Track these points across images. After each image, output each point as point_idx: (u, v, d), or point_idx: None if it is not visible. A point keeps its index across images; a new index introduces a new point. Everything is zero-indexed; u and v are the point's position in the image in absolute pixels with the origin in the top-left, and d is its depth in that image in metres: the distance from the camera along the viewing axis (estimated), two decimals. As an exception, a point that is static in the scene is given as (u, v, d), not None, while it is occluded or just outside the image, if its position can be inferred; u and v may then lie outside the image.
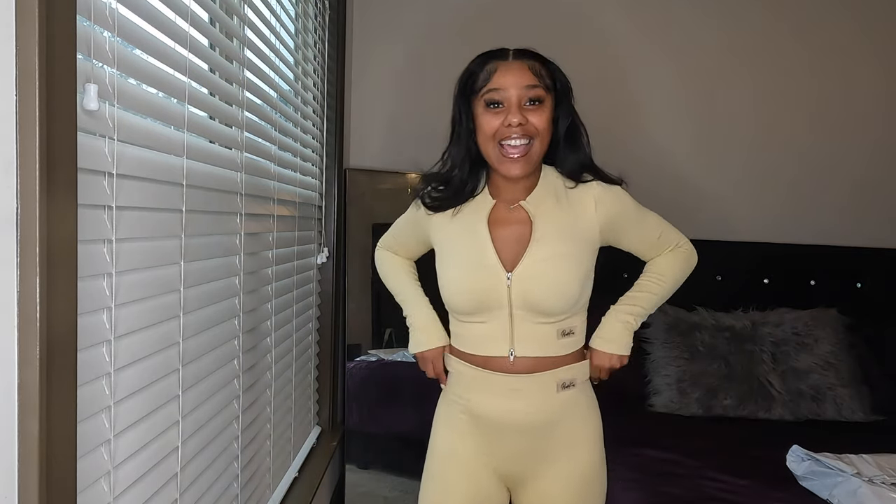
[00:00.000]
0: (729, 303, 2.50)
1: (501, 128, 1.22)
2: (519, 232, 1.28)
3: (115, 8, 0.84)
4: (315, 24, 2.10)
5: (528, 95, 1.22)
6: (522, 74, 1.22)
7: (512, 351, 1.26)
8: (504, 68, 1.23)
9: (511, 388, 1.27)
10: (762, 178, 2.75)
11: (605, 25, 2.70)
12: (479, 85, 1.24)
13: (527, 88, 1.22)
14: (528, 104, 1.22)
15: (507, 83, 1.22)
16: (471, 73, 1.27)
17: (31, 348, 0.68)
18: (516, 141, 1.22)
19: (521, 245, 1.27)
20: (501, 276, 1.24)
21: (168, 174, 1.01)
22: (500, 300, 1.25)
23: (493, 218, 1.30)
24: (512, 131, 1.21)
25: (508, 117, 1.21)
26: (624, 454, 1.88)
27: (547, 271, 1.25)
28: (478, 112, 1.26)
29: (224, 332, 1.28)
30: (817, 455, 1.69)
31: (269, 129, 1.57)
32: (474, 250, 1.28)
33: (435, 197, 1.34)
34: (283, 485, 1.78)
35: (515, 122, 1.21)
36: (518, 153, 1.22)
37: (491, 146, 1.24)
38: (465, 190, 1.32)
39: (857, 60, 2.73)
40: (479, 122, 1.25)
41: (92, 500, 0.82)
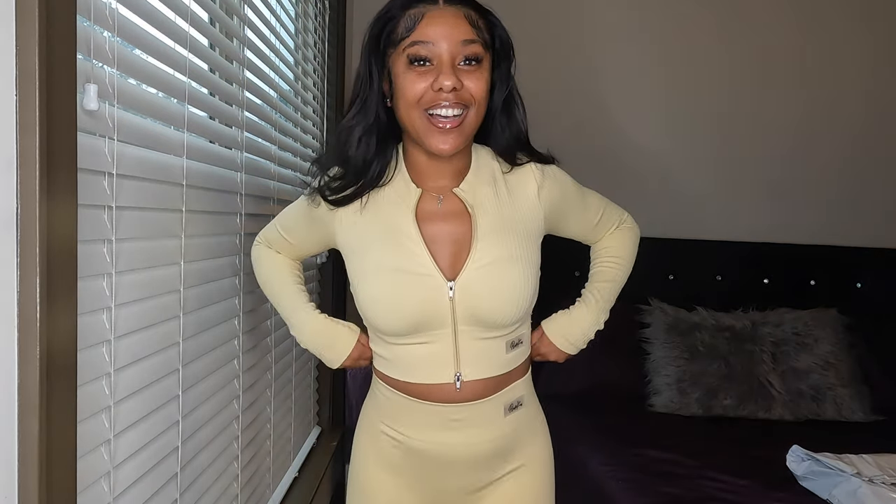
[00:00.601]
0: (729, 303, 2.50)
1: (429, 92, 0.97)
2: (454, 229, 1.05)
3: (115, 8, 0.84)
4: (315, 24, 2.10)
5: (465, 53, 0.97)
6: (458, 25, 0.97)
7: (458, 375, 1.05)
8: (434, 16, 0.97)
9: (452, 419, 1.06)
10: (762, 177, 2.75)
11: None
12: (399, 34, 0.98)
13: (463, 44, 0.97)
14: (463, 64, 0.98)
15: (437, 35, 0.96)
16: (388, 19, 1.00)
17: (31, 348, 0.68)
18: (448, 110, 0.97)
19: (460, 246, 1.05)
20: (442, 287, 1.02)
21: (168, 174, 1.01)
22: (442, 317, 1.03)
23: (420, 212, 1.05)
24: (443, 97, 0.97)
25: (440, 79, 0.96)
26: (624, 454, 1.88)
27: (495, 277, 1.03)
28: (397, 70, 1.00)
29: (224, 332, 1.28)
30: (817, 455, 1.69)
31: (269, 129, 1.57)
32: (403, 256, 1.03)
33: (336, 187, 1.06)
34: (283, 485, 1.78)
35: (448, 86, 0.95)
36: (451, 123, 0.98)
37: (416, 114, 0.99)
38: (368, 172, 1.05)
39: (859, 61, 2.73)
40: (400, 84, 0.99)
41: (92, 500, 0.82)
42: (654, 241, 2.73)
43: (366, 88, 1.04)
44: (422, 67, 0.98)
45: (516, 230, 1.07)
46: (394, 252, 1.04)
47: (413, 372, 1.07)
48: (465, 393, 1.06)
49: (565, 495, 2.05)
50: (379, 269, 1.04)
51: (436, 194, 1.07)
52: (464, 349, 1.05)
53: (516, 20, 1.23)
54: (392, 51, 1.01)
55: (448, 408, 1.06)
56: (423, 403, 1.07)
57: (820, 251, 2.70)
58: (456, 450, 1.09)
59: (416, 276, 1.03)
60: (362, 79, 1.04)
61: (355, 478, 1.17)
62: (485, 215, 1.06)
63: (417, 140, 1.03)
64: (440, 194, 1.07)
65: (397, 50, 1.00)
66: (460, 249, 1.05)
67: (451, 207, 1.07)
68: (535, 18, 2.63)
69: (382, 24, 1.02)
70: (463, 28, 0.98)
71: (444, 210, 1.06)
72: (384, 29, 1.01)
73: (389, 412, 1.12)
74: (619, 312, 2.52)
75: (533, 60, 2.61)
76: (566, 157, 2.63)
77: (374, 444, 1.14)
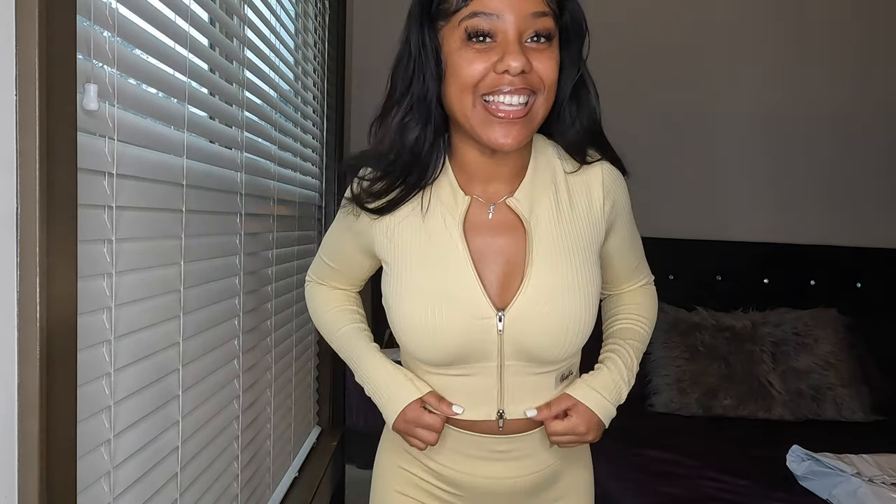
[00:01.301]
0: (729, 303, 2.50)
1: (491, 74, 0.81)
2: (506, 245, 0.91)
3: (115, 8, 0.84)
4: (315, 24, 2.10)
5: (535, 27, 0.81)
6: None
7: (502, 412, 0.93)
8: None
9: (495, 451, 0.96)
10: (762, 177, 2.75)
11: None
12: (454, 3, 0.81)
13: (533, 17, 0.80)
14: (531, 41, 0.82)
15: (502, 5, 0.79)
16: None
17: (31, 348, 0.68)
18: (513, 97, 0.82)
19: (512, 266, 0.90)
20: (490, 318, 0.88)
21: (168, 174, 1.01)
22: (487, 350, 0.90)
23: (467, 223, 0.90)
24: (506, 81, 0.81)
25: (506, 59, 0.79)
26: (624, 454, 1.88)
27: (553, 309, 0.89)
28: (450, 46, 0.83)
29: (224, 332, 1.28)
30: (817, 455, 1.69)
31: (270, 129, 1.57)
32: (448, 277, 0.89)
33: (379, 190, 0.91)
34: (283, 485, 1.78)
35: (517, 68, 0.79)
36: (515, 113, 0.82)
37: (472, 100, 0.83)
38: (425, 170, 0.89)
39: (860, 60, 2.73)
40: (453, 63, 0.83)
41: (92, 500, 0.82)
42: (654, 240, 2.72)
43: (419, 67, 0.85)
44: (482, 44, 0.81)
45: (578, 249, 0.92)
46: (436, 271, 0.89)
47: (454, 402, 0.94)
48: (507, 430, 0.95)
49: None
50: (418, 291, 0.90)
51: (485, 201, 0.92)
52: (509, 385, 0.92)
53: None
54: (443, 23, 0.83)
55: (490, 439, 0.96)
56: (464, 433, 0.96)
57: (820, 251, 2.70)
58: (497, 483, 0.98)
59: (460, 302, 0.88)
60: (413, 56, 0.86)
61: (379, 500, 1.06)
62: (542, 231, 0.91)
63: (471, 132, 0.85)
64: (491, 202, 0.91)
65: (451, 22, 0.82)
66: (512, 270, 0.90)
67: (503, 218, 0.91)
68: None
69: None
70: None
71: (494, 221, 0.91)
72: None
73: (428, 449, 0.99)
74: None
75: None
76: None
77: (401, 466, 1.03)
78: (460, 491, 1.00)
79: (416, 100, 0.87)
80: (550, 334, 0.89)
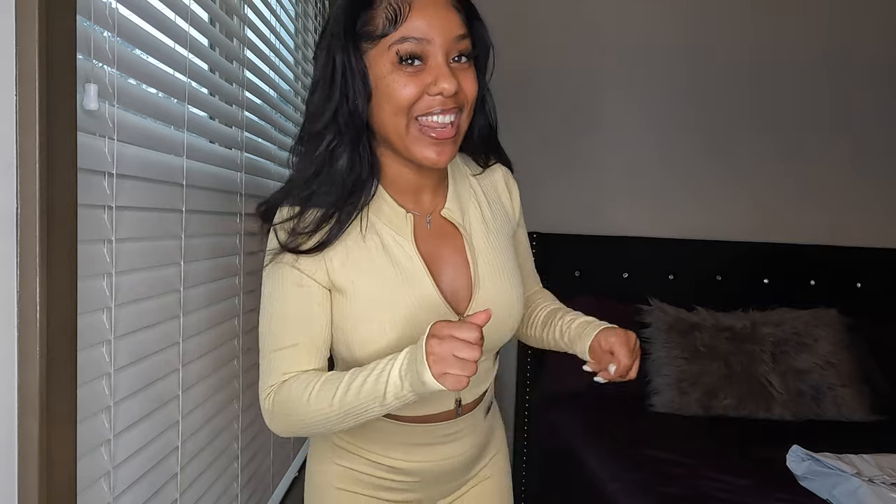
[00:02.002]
0: (729, 303, 2.50)
1: (425, 97, 0.84)
2: (449, 253, 0.95)
3: (115, 8, 0.84)
4: (315, 25, 2.10)
5: (458, 49, 0.85)
6: (450, 17, 0.84)
7: (459, 401, 1.00)
8: (423, 5, 0.83)
9: (447, 434, 1.02)
10: (762, 177, 2.75)
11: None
12: (380, 27, 0.83)
13: (456, 39, 0.85)
14: (454, 61, 0.86)
15: (430, 29, 0.83)
16: (364, 6, 0.84)
17: (31, 348, 0.68)
18: (443, 117, 0.85)
19: (459, 272, 0.95)
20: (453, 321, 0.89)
21: (168, 174, 1.01)
22: None
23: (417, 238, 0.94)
24: (438, 102, 0.84)
25: (440, 82, 0.83)
26: (624, 454, 1.88)
27: (502, 304, 0.96)
28: (379, 70, 0.85)
29: (224, 332, 1.28)
30: (817, 455, 1.69)
31: (270, 129, 1.57)
32: (408, 290, 0.90)
33: (311, 227, 0.88)
34: (283, 485, 1.78)
35: (450, 90, 0.83)
36: (446, 132, 0.86)
37: (403, 122, 0.85)
38: (364, 192, 0.89)
39: (859, 60, 2.73)
40: (385, 86, 0.84)
41: (92, 500, 0.82)
42: (654, 241, 2.74)
43: (346, 89, 0.85)
44: (413, 67, 0.84)
45: (505, 244, 1.01)
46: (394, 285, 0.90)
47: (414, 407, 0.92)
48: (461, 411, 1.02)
49: (566, 495, 2.05)
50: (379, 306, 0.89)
51: (421, 214, 0.95)
52: None
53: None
54: (369, 46, 0.85)
55: (444, 425, 1.01)
56: (420, 426, 1.00)
57: (820, 251, 2.70)
58: (448, 462, 1.04)
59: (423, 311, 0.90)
60: (338, 79, 0.85)
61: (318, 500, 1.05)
62: (476, 234, 0.98)
63: (404, 151, 0.88)
64: (425, 213, 0.96)
65: (378, 45, 0.84)
66: (459, 274, 0.96)
67: (440, 226, 0.96)
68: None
69: (356, 11, 0.85)
70: (454, 20, 0.85)
71: (434, 232, 0.95)
72: (358, 18, 0.85)
73: (373, 440, 1.01)
74: (619, 312, 2.53)
75: (521, 52, 2.61)
76: (563, 155, 2.65)
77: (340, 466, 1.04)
78: (411, 477, 1.04)
79: (343, 123, 0.87)
80: (504, 325, 0.97)
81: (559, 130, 2.67)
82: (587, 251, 2.66)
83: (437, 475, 1.05)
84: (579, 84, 2.69)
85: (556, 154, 2.67)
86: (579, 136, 2.70)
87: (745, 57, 2.71)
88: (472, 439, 1.06)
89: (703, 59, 2.71)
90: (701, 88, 2.72)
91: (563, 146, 2.69)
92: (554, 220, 2.67)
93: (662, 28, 2.69)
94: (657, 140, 2.72)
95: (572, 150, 2.71)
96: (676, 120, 2.73)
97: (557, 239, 2.63)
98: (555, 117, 2.65)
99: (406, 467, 1.02)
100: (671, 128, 2.73)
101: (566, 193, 2.70)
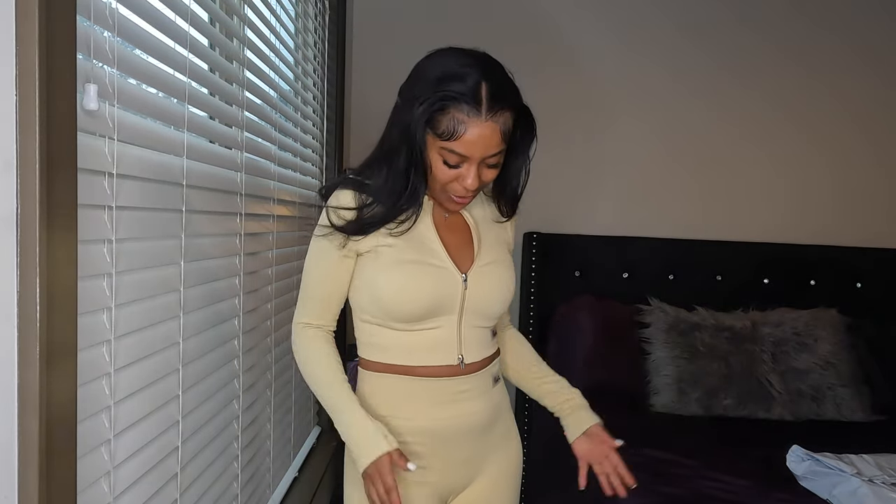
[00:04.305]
0: (729, 303, 2.50)
1: (455, 184, 1.13)
2: (460, 237, 1.24)
3: (115, 8, 0.84)
4: (315, 24, 2.10)
5: (489, 161, 1.12)
6: (492, 139, 1.08)
7: (461, 358, 1.20)
8: (475, 132, 1.07)
9: (459, 391, 1.20)
10: (762, 178, 2.75)
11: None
12: (441, 131, 1.08)
13: (492, 156, 1.11)
14: (487, 163, 1.13)
15: (473, 149, 1.08)
16: (438, 109, 1.07)
17: (31, 348, 0.68)
18: (466, 197, 1.16)
19: (466, 249, 1.23)
20: (457, 277, 1.18)
21: (168, 174, 1.01)
22: (454, 304, 1.18)
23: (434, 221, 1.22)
24: (462, 191, 1.14)
25: (464, 181, 1.11)
26: (624, 454, 1.87)
27: (496, 274, 1.23)
28: (431, 151, 1.11)
29: (224, 332, 1.28)
30: (817, 455, 1.69)
31: (270, 129, 1.57)
32: (425, 253, 1.18)
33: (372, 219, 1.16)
34: (283, 485, 1.78)
35: (472, 190, 1.13)
36: (465, 202, 1.18)
37: (438, 188, 1.15)
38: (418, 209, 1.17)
39: (857, 60, 2.73)
40: (431, 162, 1.12)
41: (92, 500, 0.82)
42: (654, 241, 2.74)
43: (409, 149, 1.11)
44: (452, 168, 1.11)
45: (501, 242, 1.29)
46: (416, 249, 1.18)
47: (423, 356, 1.19)
48: (466, 370, 1.21)
49: (566, 495, 2.05)
50: (402, 263, 1.17)
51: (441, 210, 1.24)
52: (465, 335, 1.21)
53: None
54: (431, 133, 1.09)
55: (454, 381, 1.20)
56: (431, 380, 1.19)
57: (820, 251, 2.70)
58: (460, 421, 1.21)
59: (436, 268, 1.18)
60: (408, 144, 1.10)
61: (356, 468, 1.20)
62: (481, 228, 1.27)
63: (435, 198, 1.20)
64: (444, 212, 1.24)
65: (435, 138, 1.09)
66: (466, 251, 1.23)
67: (455, 221, 1.25)
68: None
69: (431, 106, 1.07)
70: (495, 141, 1.09)
71: (449, 222, 1.24)
72: (432, 112, 1.08)
73: (393, 400, 1.21)
74: (619, 312, 2.53)
75: (524, 52, 2.62)
76: (565, 155, 2.66)
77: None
78: (425, 439, 1.20)
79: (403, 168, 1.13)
80: (496, 291, 1.23)
81: (560, 130, 2.68)
82: (587, 251, 2.66)
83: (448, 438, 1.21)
84: (580, 84, 2.69)
85: (557, 154, 2.67)
86: (580, 136, 2.70)
87: (744, 56, 2.71)
88: (482, 403, 1.23)
89: (703, 59, 2.71)
90: (701, 89, 2.72)
91: (564, 146, 2.69)
92: (554, 220, 2.67)
93: (665, 28, 2.69)
94: (657, 140, 2.73)
95: (573, 150, 2.71)
96: (677, 120, 2.73)
97: (557, 239, 2.63)
98: (555, 117, 2.65)
99: (420, 426, 1.19)
100: (671, 128, 2.73)
101: (566, 193, 2.70)
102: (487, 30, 2.60)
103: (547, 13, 2.67)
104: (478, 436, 1.24)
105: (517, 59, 1.26)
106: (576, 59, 2.68)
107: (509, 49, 1.47)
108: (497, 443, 1.27)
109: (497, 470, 1.28)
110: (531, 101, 1.16)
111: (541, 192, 2.67)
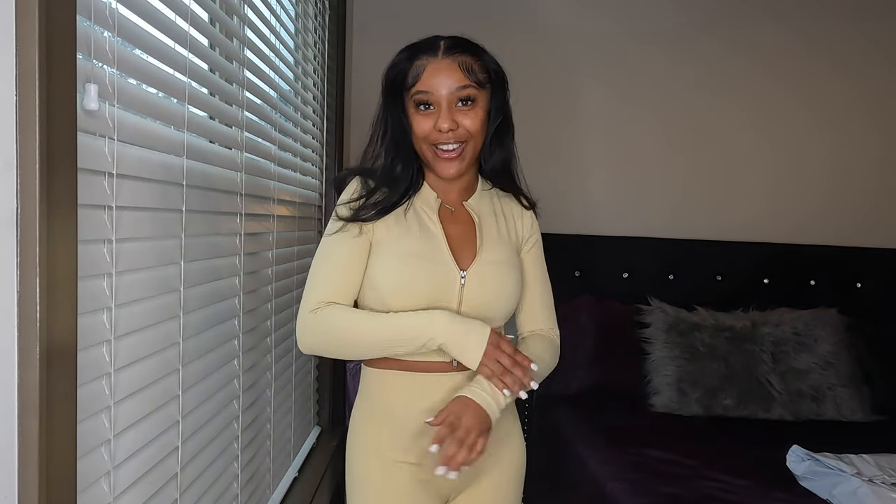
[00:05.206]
0: (729, 303, 2.50)
1: (433, 131, 1.17)
2: (464, 232, 1.25)
3: (115, 8, 0.84)
4: (315, 24, 2.10)
5: (459, 96, 1.17)
6: (452, 74, 1.16)
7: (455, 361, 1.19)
8: (433, 68, 1.17)
9: (453, 388, 1.19)
10: (762, 178, 2.75)
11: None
12: (408, 83, 1.18)
13: (458, 89, 1.16)
14: (459, 104, 1.17)
15: (436, 84, 1.16)
16: (400, 70, 1.20)
17: (31, 348, 0.68)
18: (449, 145, 1.18)
19: (469, 245, 1.24)
20: (456, 274, 1.19)
21: (168, 174, 1.01)
22: (451, 300, 1.19)
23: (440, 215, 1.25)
24: (443, 136, 1.17)
25: (438, 122, 1.16)
26: (624, 454, 1.88)
27: (497, 274, 1.22)
28: (409, 110, 1.20)
29: (224, 332, 1.28)
30: (817, 455, 1.69)
31: (270, 129, 1.57)
32: (427, 245, 1.20)
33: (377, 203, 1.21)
34: (283, 485, 1.78)
35: (445, 128, 1.16)
36: (452, 154, 1.19)
37: (425, 147, 1.20)
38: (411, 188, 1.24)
39: (856, 60, 2.73)
40: (411, 122, 1.20)
41: (92, 500, 0.82)
42: (654, 241, 2.75)
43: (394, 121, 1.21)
44: (426, 110, 1.18)
45: (508, 242, 1.29)
46: (418, 241, 1.21)
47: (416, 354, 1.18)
48: (459, 367, 1.19)
49: (566, 495, 2.05)
50: (403, 253, 1.19)
51: (448, 206, 1.27)
52: None
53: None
54: (405, 94, 1.20)
55: (447, 377, 1.20)
56: (426, 375, 1.20)
57: (820, 251, 2.70)
58: None
59: (435, 261, 1.20)
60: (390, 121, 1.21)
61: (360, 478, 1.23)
62: (486, 225, 1.27)
63: (428, 166, 1.24)
64: (452, 206, 1.28)
65: (409, 94, 1.19)
66: (469, 247, 1.24)
67: (460, 215, 1.27)
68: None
69: (395, 72, 1.20)
70: (457, 75, 1.16)
71: (455, 217, 1.27)
72: (397, 76, 1.20)
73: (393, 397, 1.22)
74: (620, 312, 2.53)
75: (522, 52, 2.62)
76: (565, 156, 2.67)
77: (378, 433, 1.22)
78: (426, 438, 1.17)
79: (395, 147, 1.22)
80: (496, 290, 1.22)
81: (560, 131, 2.68)
82: (587, 251, 2.67)
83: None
84: (580, 84, 2.69)
85: (557, 154, 2.67)
86: (580, 136, 2.70)
87: (743, 56, 2.71)
88: None
89: (703, 59, 2.71)
90: (700, 89, 2.72)
91: (564, 146, 2.69)
92: (554, 220, 2.67)
93: (661, 29, 2.70)
94: (657, 140, 2.73)
95: (573, 151, 2.71)
96: (676, 120, 2.73)
97: (557, 239, 2.62)
98: (555, 118, 2.65)
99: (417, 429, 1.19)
100: (671, 128, 2.73)
101: (566, 194, 2.70)
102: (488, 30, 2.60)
103: (547, 13, 2.67)
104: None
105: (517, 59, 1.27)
106: (575, 58, 2.68)
107: (509, 49, 1.47)
108: (499, 442, 1.26)
109: (499, 469, 1.27)
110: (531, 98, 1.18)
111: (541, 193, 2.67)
